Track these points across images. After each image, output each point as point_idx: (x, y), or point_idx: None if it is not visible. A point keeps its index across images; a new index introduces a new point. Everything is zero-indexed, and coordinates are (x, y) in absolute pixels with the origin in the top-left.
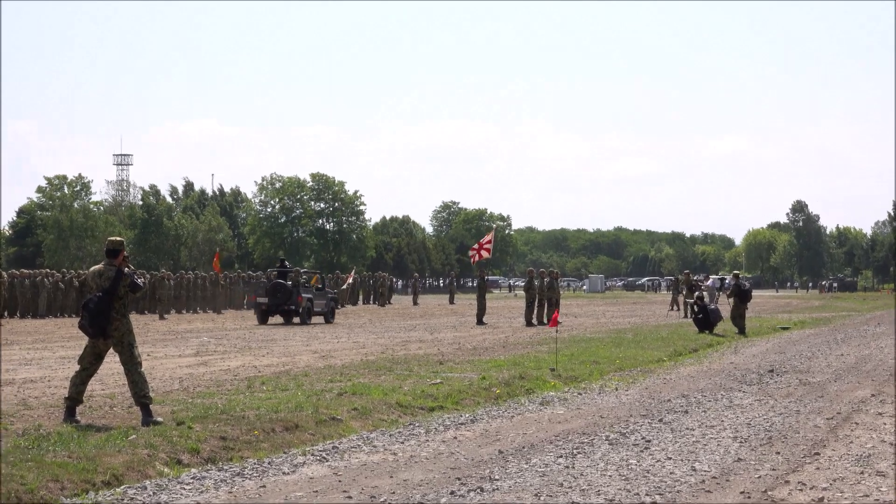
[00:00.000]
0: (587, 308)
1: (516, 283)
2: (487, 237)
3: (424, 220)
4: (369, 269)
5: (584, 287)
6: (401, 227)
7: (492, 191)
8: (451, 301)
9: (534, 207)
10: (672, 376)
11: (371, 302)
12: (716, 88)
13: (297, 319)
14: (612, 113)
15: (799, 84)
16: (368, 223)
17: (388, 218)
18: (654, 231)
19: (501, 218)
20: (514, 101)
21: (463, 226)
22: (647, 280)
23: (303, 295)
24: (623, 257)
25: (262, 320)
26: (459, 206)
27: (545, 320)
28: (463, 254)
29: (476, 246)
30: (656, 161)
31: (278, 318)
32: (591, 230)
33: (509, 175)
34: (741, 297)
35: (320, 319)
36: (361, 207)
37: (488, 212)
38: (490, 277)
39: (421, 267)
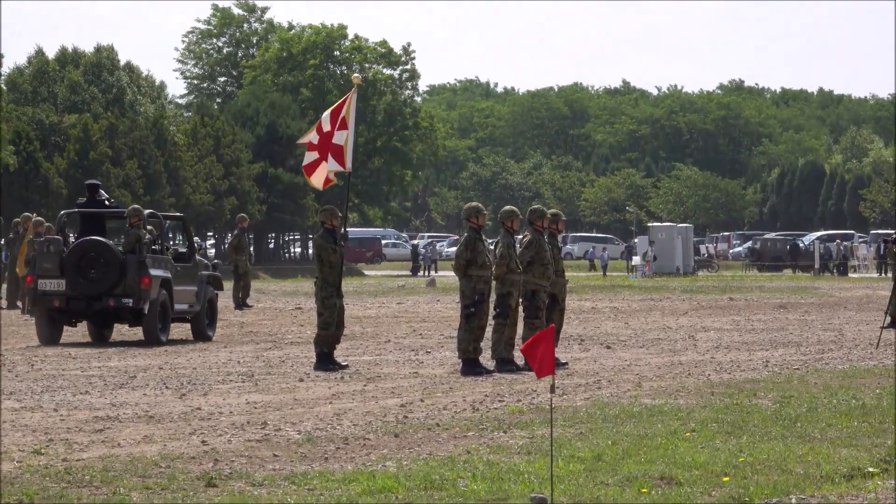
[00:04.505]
0: (645, 319)
1: (440, 249)
2: (338, 106)
3: (162, 60)
4: None
5: (637, 261)
6: (94, 78)
7: None
8: (241, 302)
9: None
10: None
11: None
12: None
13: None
14: None
15: None
16: None
17: (44, 52)
18: (844, 97)
19: (386, 53)
20: None
21: (275, 76)
22: (822, 238)
23: (151, 273)
24: (750, 171)
25: (52, 335)
26: (265, 17)
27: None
28: (280, 161)
29: (314, 139)
30: None
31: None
32: (655, 91)
33: None
34: None
35: (184, 329)
36: None
37: (349, 34)
38: (354, 231)
39: (153, 201)
